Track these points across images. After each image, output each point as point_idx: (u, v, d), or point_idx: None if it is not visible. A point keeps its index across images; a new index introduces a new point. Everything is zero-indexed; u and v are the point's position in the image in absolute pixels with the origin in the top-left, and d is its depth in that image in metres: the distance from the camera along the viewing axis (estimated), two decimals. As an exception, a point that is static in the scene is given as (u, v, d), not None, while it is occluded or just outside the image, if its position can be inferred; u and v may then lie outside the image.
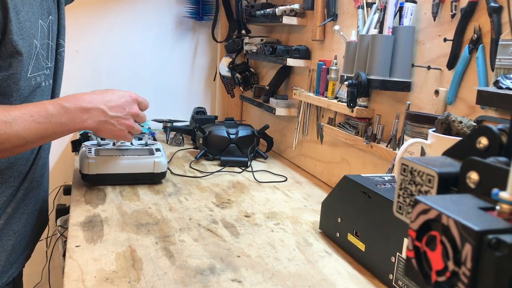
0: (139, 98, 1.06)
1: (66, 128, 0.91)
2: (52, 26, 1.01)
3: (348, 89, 1.08)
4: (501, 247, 0.28)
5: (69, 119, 0.90)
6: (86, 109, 0.93)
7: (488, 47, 0.84)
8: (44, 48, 0.97)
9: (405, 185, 0.41)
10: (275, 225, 1.05)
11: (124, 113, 1.01)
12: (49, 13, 1.00)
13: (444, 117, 0.74)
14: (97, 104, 0.95)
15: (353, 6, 1.24)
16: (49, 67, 1.02)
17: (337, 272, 0.85)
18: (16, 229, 0.98)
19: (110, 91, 1.01)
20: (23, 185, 0.98)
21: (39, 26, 0.94)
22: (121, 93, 1.02)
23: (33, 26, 0.91)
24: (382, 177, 0.91)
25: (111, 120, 0.98)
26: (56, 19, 1.05)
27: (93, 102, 0.95)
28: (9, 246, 0.97)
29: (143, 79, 1.99)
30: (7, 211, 0.95)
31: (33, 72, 0.93)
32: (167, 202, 1.16)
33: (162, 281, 0.78)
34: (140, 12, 1.92)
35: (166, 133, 1.78)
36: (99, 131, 0.99)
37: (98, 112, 0.95)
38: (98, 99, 0.96)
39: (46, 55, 0.99)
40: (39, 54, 0.94)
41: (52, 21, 1.01)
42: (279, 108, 1.57)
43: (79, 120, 0.92)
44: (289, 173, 1.48)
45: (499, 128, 0.37)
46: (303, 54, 1.49)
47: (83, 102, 0.93)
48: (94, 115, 0.94)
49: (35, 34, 0.92)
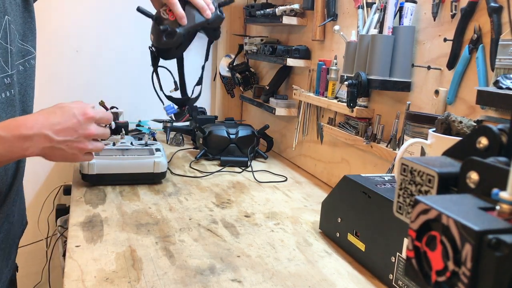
0: (97, 115, 0.90)
1: (2, 159, 0.80)
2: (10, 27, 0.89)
3: (348, 89, 1.08)
4: (501, 247, 0.28)
5: (7, 149, 0.78)
6: (27, 136, 0.80)
7: (488, 47, 0.84)
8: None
9: (405, 185, 0.41)
10: (275, 225, 1.05)
11: (75, 136, 0.86)
12: (4, 12, 0.88)
13: (444, 117, 0.74)
14: (40, 130, 0.81)
15: (353, 6, 1.24)
16: (11, 75, 0.90)
17: (337, 272, 0.85)
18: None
19: (59, 110, 0.87)
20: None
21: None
22: (72, 112, 0.87)
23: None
24: (382, 177, 0.91)
25: (58, 145, 0.84)
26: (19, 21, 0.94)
27: (35, 127, 0.81)
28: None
29: (143, 79, 1.99)
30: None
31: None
32: (167, 202, 1.16)
33: (162, 281, 0.78)
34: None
35: (166, 133, 1.78)
36: (47, 157, 0.86)
37: (41, 138, 0.82)
38: (42, 123, 0.82)
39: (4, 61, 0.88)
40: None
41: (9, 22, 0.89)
42: (279, 108, 1.57)
43: (18, 149, 0.80)
44: (289, 173, 1.48)
45: (499, 128, 0.37)
46: (303, 54, 1.49)
47: (23, 129, 0.80)
48: (37, 142, 0.81)
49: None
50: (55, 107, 0.88)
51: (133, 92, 1.98)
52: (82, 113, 0.88)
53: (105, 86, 1.93)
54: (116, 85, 1.95)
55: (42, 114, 0.85)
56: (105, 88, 1.92)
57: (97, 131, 0.91)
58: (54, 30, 1.78)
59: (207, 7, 1.11)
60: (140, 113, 1.94)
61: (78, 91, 1.89)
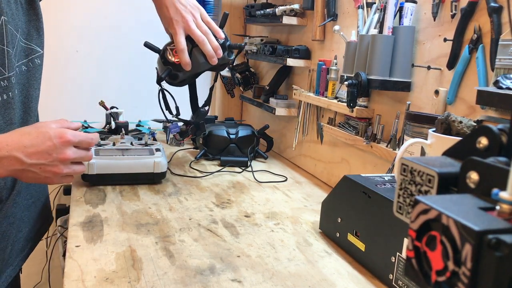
0: (74, 139, 0.84)
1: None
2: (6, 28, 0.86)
3: (348, 89, 1.08)
4: (501, 247, 0.28)
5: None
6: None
7: (488, 47, 0.84)
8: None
9: (405, 185, 0.41)
10: (275, 225, 1.05)
11: (49, 159, 0.82)
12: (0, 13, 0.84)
13: (444, 117, 0.74)
14: (10, 152, 0.78)
15: (353, 6, 1.24)
16: (8, 77, 0.88)
17: (337, 272, 0.85)
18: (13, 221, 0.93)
19: (35, 131, 0.82)
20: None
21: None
22: (48, 135, 0.82)
23: None
24: (382, 177, 0.91)
25: (30, 168, 0.80)
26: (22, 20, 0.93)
27: (5, 149, 0.78)
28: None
29: (143, 79, 1.99)
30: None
31: None
32: (167, 202, 1.16)
33: (162, 281, 0.78)
34: (140, 12, 1.92)
35: (166, 133, 1.78)
36: (18, 178, 0.83)
37: (11, 161, 0.78)
38: (13, 145, 0.78)
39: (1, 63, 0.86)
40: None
41: (7, 22, 0.87)
42: (279, 108, 1.57)
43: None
44: (289, 173, 1.48)
45: (499, 128, 0.37)
46: (303, 54, 1.49)
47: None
48: (5, 164, 0.78)
49: None
50: (32, 127, 0.84)
51: (133, 92, 1.98)
52: (59, 136, 0.83)
53: (105, 86, 1.93)
54: (116, 85, 1.95)
55: (16, 134, 0.81)
56: (105, 88, 1.92)
57: (75, 155, 0.85)
58: (54, 30, 1.78)
59: (215, 53, 1.11)
60: (140, 113, 1.94)
61: (78, 91, 1.89)
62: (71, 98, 1.89)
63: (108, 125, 1.70)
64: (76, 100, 1.90)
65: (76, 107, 1.89)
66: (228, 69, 1.94)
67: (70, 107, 1.88)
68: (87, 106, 1.89)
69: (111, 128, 1.67)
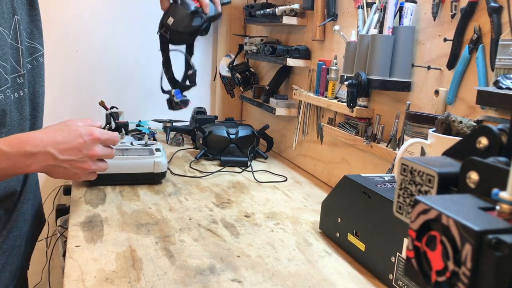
0: (102, 136, 0.90)
1: (5, 174, 0.81)
2: (19, 27, 0.89)
3: (348, 89, 1.08)
4: (501, 247, 0.28)
5: (9, 165, 0.79)
6: (31, 153, 0.80)
7: (488, 47, 0.84)
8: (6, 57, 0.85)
9: (405, 185, 0.41)
10: (275, 225, 1.05)
11: (79, 155, 0.86)
12: (13, 12, 0.88)
13: (444, 117, 0.74)
14: (45, 147, 0.82)
15: (353, 6, 1.24)
16: (22, 75, 0.91)
17: (337, 272, 0.85)
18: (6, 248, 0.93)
19: (66, 128, 0.87)
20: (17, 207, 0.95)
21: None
22: (79, 132, 0.87)
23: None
24: (382, 177, 0.91)
25: (62, 164, 0.85)
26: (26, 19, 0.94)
27: (40, 145, 0.81)
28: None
29: (143, 79, 1.99)
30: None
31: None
32: (167, 202, 1.16)
33: (162, 281, 0.78)
34: (140, 11, 1.92)
35: (166, 133, 1.78)
36: (48, 174, 0.87)
37: (45, 156, 0.82)
38: (48, 141, 0.83)
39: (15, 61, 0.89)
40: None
41: (20, 21, 0.90)
42: (279, 108, 1.57)
43: (21, 165, 0.80)
44: (289, 173, 1.48)
45: (499, 128, 0.37)
46: (303, 54, 1.49)
47: (28, 146, 0.80)
48: (40, 159, 0.82)
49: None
50: (62, 125, 0.88)
51: (133, 92, 1.98)
52: (89, 133, 0.88)
53: (105, 86, 1.93)
54: (116, 85, 1.95)
55: (48, 131, 0.85)
56: (105, 88, 1.92)
57: (102, 152, 0.91)
58: (54, 30, 1.78)
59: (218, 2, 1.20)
60: (140, 113, 1.94)
61: (78, 91, 1.89)
62: (71, 98, 1.89)
63: (108, 125, 1.70)
64: (76, 100, 1.90)
65: (76, 107, 1.89)
66: (228, 69, 1.94)
67: (70, 107, 1.88)
68: (87, 106, 1.89)
69: (111, 128, 1.67)
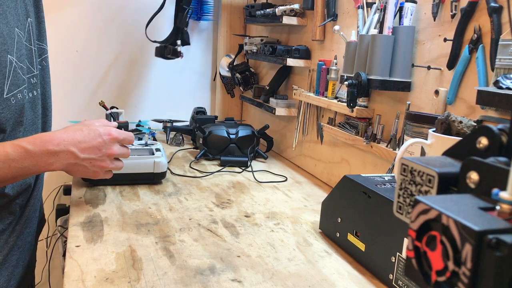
0: (120, 136, 0.95)
1: (28, 172, 0.83)
2: (32, 29, 0.94)
3: (348, 89, 1.08)
4: (501, 247, 0.28)
5: (33, 163, 0.82)
6: (54, 152, 0.84)
7: (488, 47, 0.84)
8: (23, 58, 0.88)
9: (405, 185, 0.41)
10: (275, 225, 1.05)
11: (99, 154, 0.91)
12: (27, 15, 0.92)
13: (444, 117, 0.74)
14: (66, 146, 0.86)
15: (353, 6, 1.24)
16: (35, 75, 0.95)
17: (337, 272, 0.85)
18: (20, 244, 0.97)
19: (86, 128, 0.91)
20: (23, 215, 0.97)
21: (15, 36, 0.85)
22: (98, 132, 0.91)
23: (7, 39, 0.82)
24: (382, 177, 0.91)
25: (82, 162, 0.89)
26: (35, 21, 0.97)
27: (62, 144, 0.85)
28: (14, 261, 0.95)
29: (143, 79, 1.99)
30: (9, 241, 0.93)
31: (11, 91, 0.84)
32: (167, 202, 1.16)
33: (162, 281, 0.78)
34: (141, 11, 1.92)
35: (166, 133, 1.78)
36: (69, 172, 0.91)
37: (67, 155, 0.86)
38: (69, 140, 0.87)
39: (29, 62, 0.92)
40: (17, 68, 0.86)
41: (32, 23, 0.94)
42: (279, 108, 1.57)
43: (44, 163, 0.83)
44: (289, 173, 1.48)
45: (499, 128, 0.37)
46: (303, 54, 1.49)
47: (51, 145, 0.84)
48: (62, 158, 0.86)
49: (10, 49, 0.83)
50: (82, 125, 0.92)
51: (133, 92, 1.98)
52: (108, 133, 0.93)
53: (105, 86, 1.93)
54: (116, 85, 1.95)
55: (69, 131, 0.89)
56: (105, 88, 1.92)
57: (120, 151, 0.96)
58: (54, 30, 1.78)
59: None
60: (140, 113, 1.94)
61: (78, 91, 1.89)
62: (71, 98, 1.89)
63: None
64: (76, 100, 1.90)
65: (76, 107, 1.89)
66: (228, 69, 1.94)
67: (70, 107, 1.88)
68: (87, 106, 1.89)
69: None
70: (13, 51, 0.84)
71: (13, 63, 0.84)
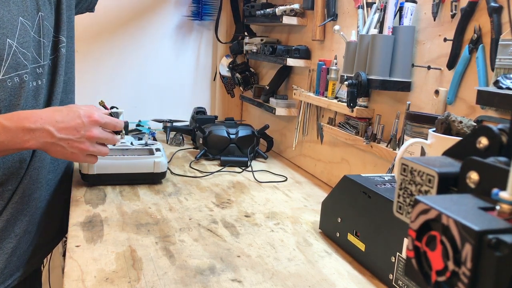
0: (102, 119, 0.94)
1: (3, 148, 0.85)
2: (43, 22, 0.99)
3: (348, 89, 1.08)
4: (501, 247, 0.28)
5: (8, 139, 0.83)
6: (29, 129, 0.85)
7: (488, 47, 0.84)
8: (29, 45, 0.94)
9: (405, 185, 0.41)
10: (275, 225, 1.05)
11: (77, 136, 0.90)
12: (37, 9, 0.98)
13: (444, 117, 0.74)
14: (43, 125, 0.86)
15: (353, 6, 1.24)
16: (42, 65, 0.99)
17: (337, 272, 0.85)
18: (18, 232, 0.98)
19: (66, 109, 0.91)
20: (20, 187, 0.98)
21: (18, 24, 0.92)
22: (78, 113, 0.91)
23: (7, 24, 0.89)
24: (382, 177, 0.91)
25: (59, 142, 0.89)
26: (50, 15, 1.03)
27: (38, 122, 0.86)
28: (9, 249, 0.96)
29: (143, 79, 1.99)
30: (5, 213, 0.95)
31: (8, 73, 0.89)
32: (167, 202, 1.16)
33: (162, 281, 0.78)
34: (139, 11, 1.92)
35: (166, 133, 1.78)
36: (47, 151, 0.91)
37: (43, 133, 0.86)
38: (46, 119, 0.87)
39: (37, 53, 0.96)
40: (17, 53, 0.91)
41: (44, 18, 0.99)
42: (279, 108, 1.57)
43: (19, 140, 0.85)
44: (289, 173, 1.48)
45: (499, 128, 0.37)
46: (303, 54, 1.49)
47: (27, 122, 0.85)
48: (38, 136, 0.86)
49: (9, 33, 0.89)
50: (64, 107, 0.93)
51: (133, 92, 1.98)
52: (88, 115, 0.92)
53: (105, 86, 1.93)
54: (116, 85, 1.95)
55: (48, 111, 0.90)
56: (105, 88, 1.92)
57: (101, 135, 0.94)
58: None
59: None
60: (140, 113, 1.94)
61: (78, 91, 1.89)
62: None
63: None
64: (76, 100, 1.90)
65: (76, 107, 1.89)
66: (228, 69, 1.94)
67: (70, 107, 1.88)
68: (87, 106, 1.89)
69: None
70: (13, 36, 0.89)
71: (12, 47, 0.89)
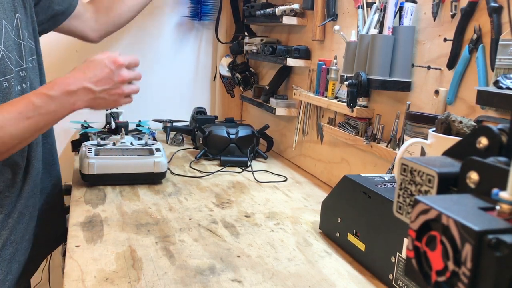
0: (125, 61, 0.98)
1: (57, 116, 0.89)
2: (21, 25, 0.98)
3: (348, 89, 1.08)
4: (501, 247, 0.28)
5: (58, 106, 0.88)
6: (72, 91, 0.89)
7: (488, 47, 0.84)
8: (12, 49, 0.93)
9: (405, 185, 0.41)
10: (275, 225, 1.05)
11: (112, 83, 0.95)
12: (15, 11, 0.96)
13: (444, 117, 0.74)
14: (82, 84, 0.90)
15: (353, 6, 1.24)
16: (25, 68, 0.98)
17: (337, 272, 0.85)
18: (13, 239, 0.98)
19: (91, 63, 0.94)
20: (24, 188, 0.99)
21: (2, 27, 0.90)
22: (103, 63, 0.94)
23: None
24: (382, 177, 0.91)
25: (100, 95, 0.93)
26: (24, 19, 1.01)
27: (77, 82, 0.90)
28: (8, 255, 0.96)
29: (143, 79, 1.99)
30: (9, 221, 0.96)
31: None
32: (167, 202, 1.16)
33: (162, 281, 0.78)
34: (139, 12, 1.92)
35: (166, 133, 1.78)
36: (92, 107, 0.95)
37: (84, 91, 0.91)
38: (81, 78, 0.91)
39: (19, 56, 0.95)
40: (5, 57, 0.90)
41: (20, 20, 0.98)
42: (279, 108, 1.57)
43: (68, 104, 0.89)
44: (289, 173, 1.48)
45: (499, 128, 0.37)
46: (303, 54, 1.49)
47: (67, 86, 0.89)
48: (81, 95, 0.90)
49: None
50: (87, 62, 0.95)
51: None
52: (113, 61, 0.95)
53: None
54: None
55: (77, 71, 0.93)
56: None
57: (130, 75, 0.99)
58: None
59: None
60: (140, 113, 1.94)
61: (78, 91, 1.89)
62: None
63: (108, 125, 1.70)
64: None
65: (76, 107, 1.89)
66: (228, 69, 1.94)
67: (70, 107, 1.88)
68: (87, 106, 1.89)
69: (111, 128, 1.67)
70: (0, 40, 0.88)
71: (0, 52, 0.89)
